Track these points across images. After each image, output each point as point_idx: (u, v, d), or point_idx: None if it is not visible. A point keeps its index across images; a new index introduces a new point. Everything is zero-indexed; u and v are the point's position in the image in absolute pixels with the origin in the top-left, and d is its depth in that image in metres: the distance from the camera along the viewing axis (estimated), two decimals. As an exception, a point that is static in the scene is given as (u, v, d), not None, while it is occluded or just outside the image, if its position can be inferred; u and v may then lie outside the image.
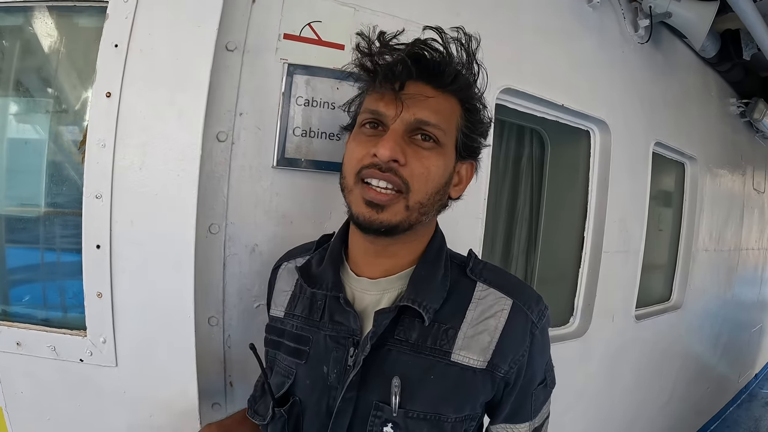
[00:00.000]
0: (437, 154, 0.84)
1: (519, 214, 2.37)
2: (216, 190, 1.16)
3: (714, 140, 3.26)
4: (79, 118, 1.23)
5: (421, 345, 0.85)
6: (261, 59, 1.20)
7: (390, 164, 0.80)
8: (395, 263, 0.90)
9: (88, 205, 1.10)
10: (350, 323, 0.87)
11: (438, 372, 0.84)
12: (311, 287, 0.92)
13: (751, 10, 2.26)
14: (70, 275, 1.23)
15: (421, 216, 0.85)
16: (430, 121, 0.83)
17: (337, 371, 0.86)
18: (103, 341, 1.13)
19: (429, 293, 0.85)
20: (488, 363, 0.84)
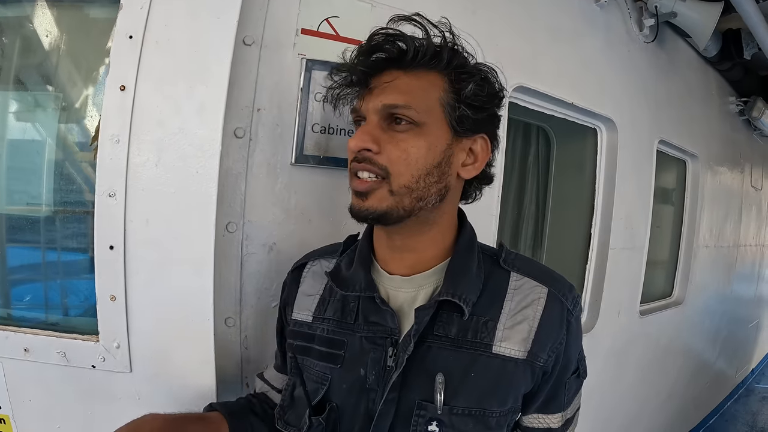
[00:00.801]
0: (415, 134, 0.81)
1: (525, 212, 2.37)
2: (233, 187, 1.13)
3: (714, 138, 3.29)
4: (90, 113, 1.19)
5: (461, 339, 0.83)
6: (279, 54, 1.17)
7: (363, 153, 0.81)
8: (420, 257, 0.88)
9: (100, 204, 1.06)
10: (387, 322, 0.85)
11: (480, 366, 0.82)
12: (344, 290, 0.89)
13: (754, 11, 2.28)
14: (80, 277, 1.20)
15: (418, 201, 0.82)
16: (397, 103, 0.81)
17: (376, 372, 0.84)
18: (116, 346, 1.09)
19: (466, 286, 0.84)
20: (528, 353, 0.83)
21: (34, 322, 1.18)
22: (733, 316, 4.19)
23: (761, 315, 5.36)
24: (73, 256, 1.24)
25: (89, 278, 1.11)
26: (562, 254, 2.30)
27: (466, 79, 0.85)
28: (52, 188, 1.22)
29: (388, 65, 0.84)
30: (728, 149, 3.55)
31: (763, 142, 4.34)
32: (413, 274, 0.88)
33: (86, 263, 1.17)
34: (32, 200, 1.26)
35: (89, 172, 1.17)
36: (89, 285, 1.12)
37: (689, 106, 2.89)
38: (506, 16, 1.64)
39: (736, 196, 3.80)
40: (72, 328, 1.16)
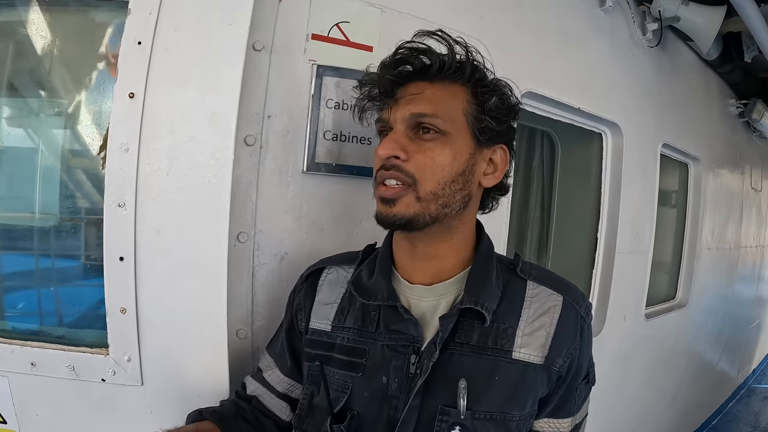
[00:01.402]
0: (441, 143, 0.85)
1: (531, 216, 2.37)
2: (244, 196, 1.10)
3: (716, 141, 3.31)
4: (97, 120, 1.17)
5: (482, 346, 0.86)
6: (289, 60, 1.15)
7: (391, 161, 0.84)
8: (441, 266, 0.91)
9: (109, 214, 1.04)
10: (410, 331, 0.87)
11: (502, 371, 0.85)
12: (366, 299, 0.91)
13: (756, 15, 2.28)
14: (88, 289, 1.18)
15: (443, 208, 0.85)
16: (425, 112, 0.85)
17: (399, 380, 0.86)
18: (127, 359, 1.07)
19: (487, 294, 0.87)
20: (546, 358, 0.87)
21: (41, 335, 1.16)
22: (734, 317, 4.21)
23: (762, 315, 5.39)
24: (80, 266, 1.22)
25: (98, 290, 1.08)
26: (568, 259, 2.30)
27: (488, 91, 0.90)
28: (58, 196, 1.20)
29: (414, 77, 0.89)
30: (729, 151, 3.57)
31: (762, 143, 4.37)
32: (434, 283, 0.91)
33: (94, 274, 1.15)
34: (34, 209, 1.23)
35: (97, 180, 1.15)
36: (98, 296, 1.10)
37: (691, 109, 2.91)
38: (514, 21, 1.64)
39: (737, 197, 3.82)
40: (80, 341, 1.13)
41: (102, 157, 1.09)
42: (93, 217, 1.17)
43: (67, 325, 1.20)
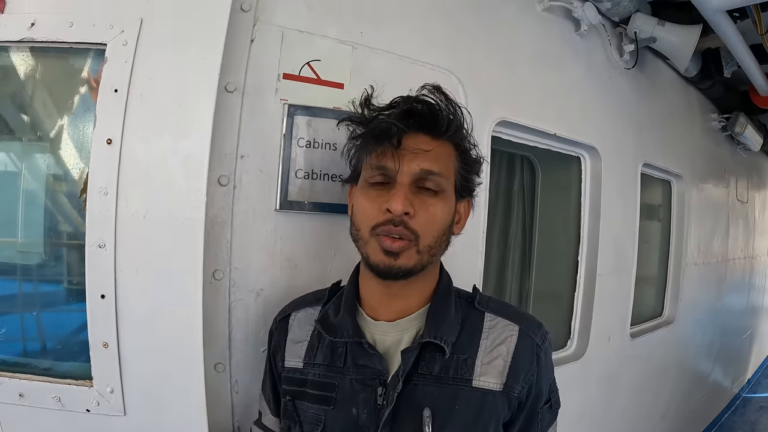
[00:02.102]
0: (441, 200, 0.92)
1: (512, 241, 2.39)
2: (219, 235, 1.15)
3: (698, 156, 3.34)
4: (77, 163, 1.21)
5: (444, 376, 0.92)
6: (261, 100, 1.20)
7: (402, 217, 0.87)
8: (408, 304, 0.96)
9: (91, 254, 1.09)
10: (375, 365, 0.92)
11: (463, 399, 0.91)
12: (332, 336, 0.96)
13: (732, 32, 2.31)
14: (72, 324, 1.21)
15: (432, 257, 0.93)
16: (434, 170, 0.90)
17: (368, 411, 0.91)
18: (110, 391, 1.11)
19: (446, 327, 0.93)
20: (504, 385, 0.92)
21: (29, 368, 1.19)
22: (726, 328, 4.21)
23: (754, 325, 5.39)
24: (66, 305, 1.25)
25: (81, 325, 1.13)
26: (551, 282, 2.32)
27: (469, 150, 0.99)
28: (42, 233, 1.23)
29: (419, 129, 0.92)
30: (713, 165, 3.60)
31: (746, 155, 4.39)
32: (397, 319, 0.96)
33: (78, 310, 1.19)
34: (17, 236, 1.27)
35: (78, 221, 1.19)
36: (78, 330, 1.15)
37: (672, 126, 2.94)
38: (486, 51, 1.68)
39: (723, 210, 3.84)
40: (66, 373, 1.17)
41: (83, 200, 1.13)
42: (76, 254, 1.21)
43: (53, 358, 1.23)
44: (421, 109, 0.93)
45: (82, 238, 1.11)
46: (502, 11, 1.76)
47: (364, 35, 1.34)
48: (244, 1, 1.17)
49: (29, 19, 1.12)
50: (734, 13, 2.25)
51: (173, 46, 1.11)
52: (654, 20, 2.29)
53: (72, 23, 1.11)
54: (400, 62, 1.41)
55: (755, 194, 4.89)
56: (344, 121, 1.01)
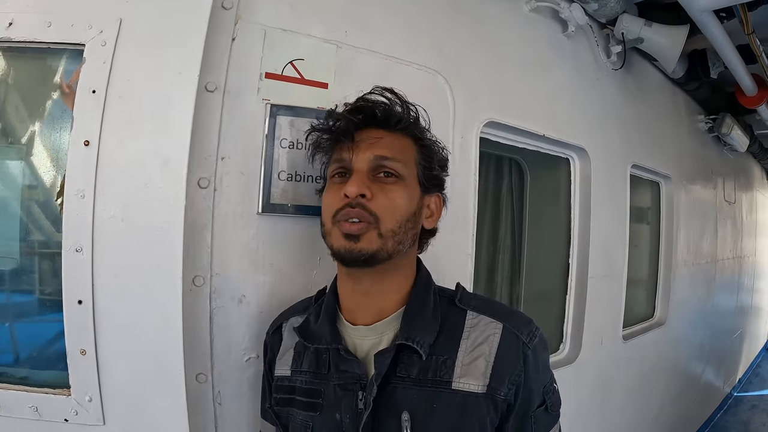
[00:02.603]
0: (400, 186, 0.94)
1: (501, 244, 2.38)
2: (199, 240, 1.10)
3: (686, 157, 3.36)
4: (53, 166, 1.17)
5: (422, 379, 0.90)
6: (242, 100, 1.17)
7: (358, 199, 0.90)
8: (384, 303, 0.96)
9: (67, 259, 1.05)
10: (354, 369, 0.92)
11: (442, 402, 0.89)
12: (312, 344, 0.97)
13: (719, 32, 2.32)
14: (48, 331, 1.17)
15: (397, 245, 0.92)
16: (388, 155, 0.94)
17: (350, 416, 0.91)
18: (89, 399, 1.07)
19: (422, 329, 0.92)
20: (487, 387, 0.89)
21: (4, 377, 1.15)
22: (716, 329, 4.23)
23: (744, 324, 5.44)
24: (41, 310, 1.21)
25: (58, 332, 1.09)
26: (541, 285, 2.31)
27: (431, 146, 1.03)
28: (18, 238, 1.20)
29: (373, 124, 0.98)
30: (700, 167, 3.62)
31: (733, 156, 4.44)
32: (375, 322, 0.96)
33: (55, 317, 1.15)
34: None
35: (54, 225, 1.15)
36: (55, 336, 1.11)
37: (660, 128, 2.95)
38: (474, 51, 1.66)
39: (711, 211, 3.87)
40: (43, 382, 1.13)
41: (59, 203, 1.09)
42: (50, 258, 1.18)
43: (29, 366, 1.19)
44: (372, 105, 0.99)
45: (57, 245, 1.08)
46: (489, 11, 1.75)
47: (349, 34, 1.32)
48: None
49: (7, 19, 1.09)
50: (721, 13, 2.25)
51: (153, 46, 1.09)
52: (641, 21, 2.29)
53: (50, 23, 1.09)
54: (386, 62, 1.39)
55: (742, 195, 4.94)
56: (311, 132, 1.06)
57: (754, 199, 5.62)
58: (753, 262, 5.59)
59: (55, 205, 1.12)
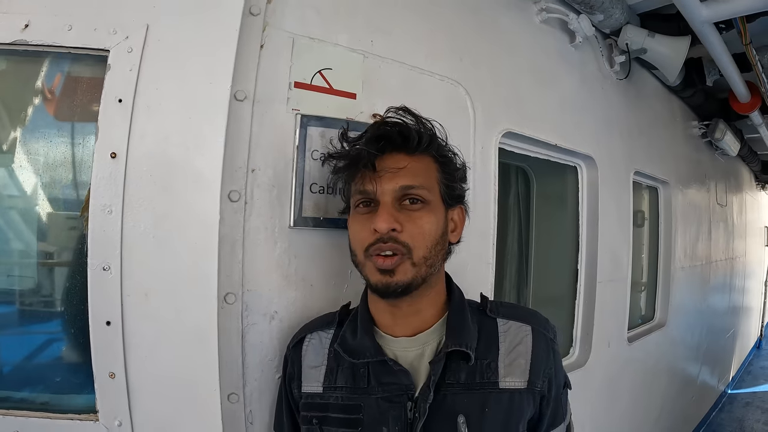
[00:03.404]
0: (427, 212, 0.94)
1: (509, 251, 2.38)
2: (230, 255, 1.07)
3: (681, 162, 3.42)
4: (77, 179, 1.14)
5: (471, 383, 0.94)
6: (272, 110, 1.14)
7: (390, 234, 0.91)
8: (422, 318, 0.99)
9: (94, 278, 1.02)
10: (402, 380, 0.93)
11: (493, 402, 0.93)
12: (355, 359, 0.97)
13: (718, 42, 2.36)
14: (71, 353, 1.13)
15: (430, 269, 0.94)
16: (414, 185, 0.94)
17: (399, 427, 0.92)
18: (118, 424, 1.04)
19: (467, 335, 0.96)
20: (528, 382, 0.96)
21: (24, 403, 1.11)
22: (711, 329, 4.31)
23: (736, 324, 5.57)
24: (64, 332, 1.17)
25: (83, 354, 1.06)
26: (549, 291, 2.32)
27: (449, 160, 1.03)
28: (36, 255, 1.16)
29: (393, 149, 0.97)
30: (694, 171, 3.69)
31: (724, 160, 4.54)
32: (416, 333, 0.98)
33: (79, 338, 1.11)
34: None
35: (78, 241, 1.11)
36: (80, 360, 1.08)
37: (658, 134, 3.00)
38: (491, 62, 1.67)
39: (705, 215, 3.94)
40: (67, 407, 1.09)
41: (84, 218, 1.05)
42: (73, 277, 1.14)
43: (51, 392, 1.14)
44: (390, 130, 0.97)
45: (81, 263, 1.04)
46: (503, 23, 1.77)
47: (375, 44, 1.31)
48: (253, 4, 1.11)
49: (23, 20, 1.04)
50: (721, 24, 2.29)
51: (181, 54, 1.06)
52: (644, 32, 2.33)
53: (71, 26, 1.05)
54: (410, 72, 1.38)
55: (733, 197, 5.05)
56: (326, 159, 1.07)
57: (743, 201, 5.75)
58: (743, 262, 5.71)
59: (79, 221, 1.09)
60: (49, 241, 1.17)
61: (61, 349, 1.17)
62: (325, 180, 1.17)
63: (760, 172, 6.30)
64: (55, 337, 1.18)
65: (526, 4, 1.89)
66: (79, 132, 1.14)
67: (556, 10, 1.95)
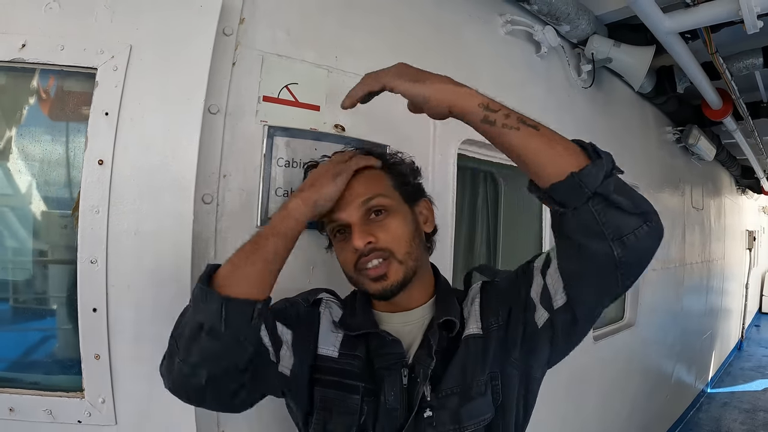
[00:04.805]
0: (392, 217, 1.04)
1: (477, 252, 2.46)
2: (203, 252, 1.21)
3: (654, 167, 3.50)
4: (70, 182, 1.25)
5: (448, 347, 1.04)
6: (242, 121, 1.28)
7: (368, 247, 1.00)
8: (415, 301, 1.09)
9: (83, 270, 1.14)
10: (396, 350, 1.03)
11: (458, 352, 1.02)
12: (351, 331, 1.06)
13: (685, 51, 2.46)
14: (61, 336, 1.26)
15: (416, 261, 1.04)
16: (370, 195, 1.03)
17: (395, 393, 1.00)
18: (102, 401, 1.16)
19: (453, 310, 1.06)
20: (482, 328, 1.04)
21: (18, 382, 1.22)
22: (686, 330, 4.39)
23: (714, 326, 5.63)
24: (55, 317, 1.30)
25: (71, 337, 1.18)
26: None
27: (394, 164, 1.13)
28: (31, 249, 1.29)
29: None
30: (668, 175, 3.77)
31: (701, 165, 4.61)
32: (411, 309, 1.09)
33: (68, 323, 1.24)
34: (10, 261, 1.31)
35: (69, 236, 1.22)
36: (68, 342, 1.20)
37: (629, 140, 3.10)
38: (453, 73, 1.71)
39: (679, 218, 4.02)
40: (56, 386, 1.21)
41: (75, 217, 1.18)
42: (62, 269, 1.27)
43: (41, 372, 1.26)
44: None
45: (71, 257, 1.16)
46: (467, 35, 1.88)
47: (339, 60, 1.44)
48: (227, 25, 1.25)
49: (20, 40, 1.15)
50: (686, 34, 2.40)
51: (161, 71, 1.18)
52: (610, 42, 2.44)
53: (63, 46, 1.16)
54: (373, 85, 1.50)
55: (710, 201, 5.13)
56: None
57: (722, 205, 5.83)
58: (722, 265, 5.79)
59: (71, 218, 1.21)
60: (42, 237, 1.30)
61: (52, 333, 1.30)
62: (290, 185, 1.31)
63: (740, 177, 6.39)
64: (47, 323, 1.31)
65: (491, 16, 2.00)
66: (70, 141, 1.25)
67: (522, 22, 2.05)
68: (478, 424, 0.99)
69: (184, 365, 0.87)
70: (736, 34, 2.31)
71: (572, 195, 0.84)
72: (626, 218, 0.83)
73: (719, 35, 2.44)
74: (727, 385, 6.20)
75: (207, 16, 1.20)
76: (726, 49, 2.73)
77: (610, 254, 0.83)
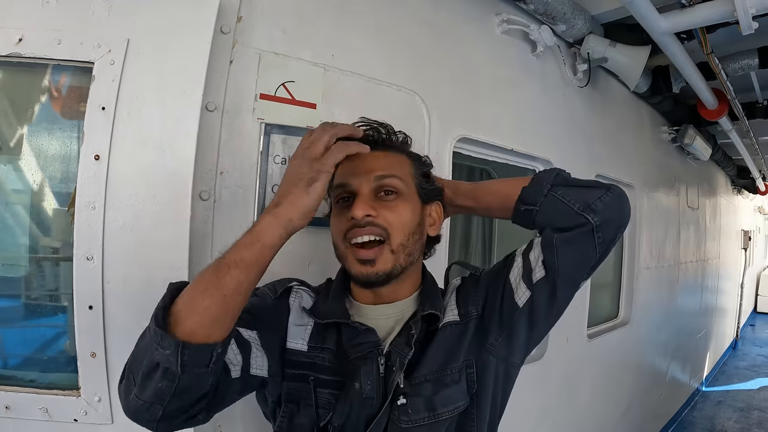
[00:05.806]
0: (402, 201, 1.00)
1: (472, 250, 2.48)
2: (201, 249, 1.21)
3: (649, 166, 3.51)
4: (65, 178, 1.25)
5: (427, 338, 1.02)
6: (239, 119, 1.28)
7: (366, 219, 0.95)
8: (399, 294, 1.06)
9: (78, 267, 1.13)
10: (370, 338, 0.99)
11: (436, 339, 1.01)
12: (320, 319, 1.02)
13: (680, 51, 2.47)
14: (56, 335, 1.26)
15: (408, 257, 1.00)
16: (387, 174, 1.00)
17: (371, 382, 0.97)
18: (98, 399, 1.16)
19: (438, 303, 1.04)
20: (460, 315, 1.04)
21: (14, 380, 1.22)
22: (681, 328, 4.42)
23: (708, 325, 5.66)
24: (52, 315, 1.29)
25: (65, 336, 1.19)
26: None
27: (423, 161, 1.10)
28: (27, 246, 1.28)
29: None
30: (663, 175, 3.78)
31: (697, 164, 4.62)
32: (392, 302, 1.06)
33: (63, 321, 1.24)
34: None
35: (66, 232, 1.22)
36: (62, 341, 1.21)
37: (624, 139, 3.11)
38: (448, 72, 1.80)
39: (674, 217, 4.04)
40: (52, 384, 1.20)
41: (71, 213, 1.17)
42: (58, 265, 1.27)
43: (38, 369, 1.26)
44: (365, 131, 1.02)
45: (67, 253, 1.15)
46: (463, 35, 1.89)
47: (335, 58, 1.45)
48: (224, 23, 1.25)
49: (17, 35, 1.15)
50: (682, 34, 2.41)
51: (158, 66, 1.17)
52: (606, 41, 2.45)
53: (60, 41, 1.15)
54: (368, 84, 1.52)
55: (706, 201, 5.15)
56: None
57: (718, 205, 5.85)
58: (717, 264, 5.82)
59: (66, 214, 1.21)
60: (39, 234, 1.29)
61: (49, 331, 1.29)
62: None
63: (736, 177, 6.41)
64: (43, 321, 1.30)
65: (487, 16, 2.01)
66: (67, 135, 1.25)
67: (518, 21, 2.06)
68: (452, 411, 0.98)
69: (139, 400, 0.82)
70: (731, 34, 2.32)
71: (536, 191, 1.02)
72: (588, 192, 0.98)
73: (715, 36, 2.45)
74: (722, 383, 6.23)
75: (205, 12, 1.20)
76: (722, 50, 2.75)
77: (586, 223, 0.95)
